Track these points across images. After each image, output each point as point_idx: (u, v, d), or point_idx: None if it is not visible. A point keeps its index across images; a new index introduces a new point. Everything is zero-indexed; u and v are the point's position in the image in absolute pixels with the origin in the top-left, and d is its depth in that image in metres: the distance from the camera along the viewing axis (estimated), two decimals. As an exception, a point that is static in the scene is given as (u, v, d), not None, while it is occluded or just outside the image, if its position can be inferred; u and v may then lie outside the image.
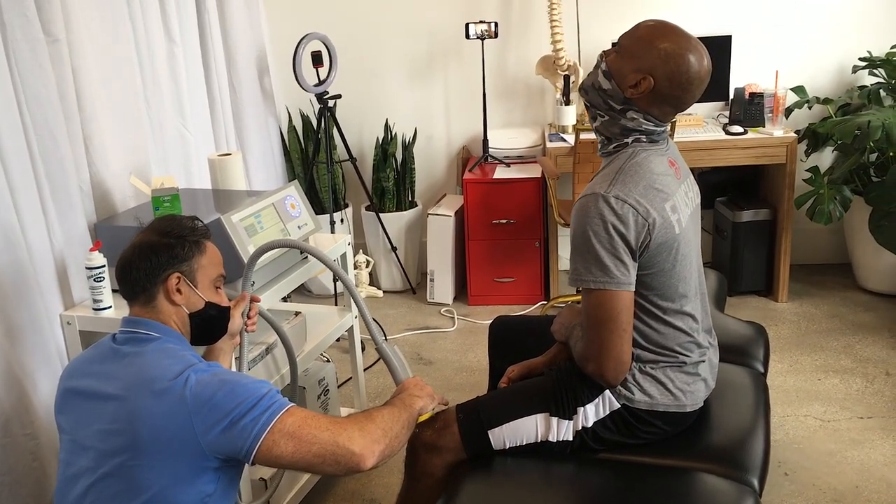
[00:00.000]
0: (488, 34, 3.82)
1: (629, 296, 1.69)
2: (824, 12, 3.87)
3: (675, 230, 1.71)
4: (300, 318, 2.34)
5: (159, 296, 1.61)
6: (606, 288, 1.66)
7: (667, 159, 1.79)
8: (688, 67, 1.70)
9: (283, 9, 4.11)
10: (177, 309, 1.63)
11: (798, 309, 3.70)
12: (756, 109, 3.67)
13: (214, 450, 1.45)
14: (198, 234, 1.68)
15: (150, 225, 1.69)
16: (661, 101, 1.73)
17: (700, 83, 1.73)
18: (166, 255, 1.61)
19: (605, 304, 1.68)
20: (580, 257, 1.69)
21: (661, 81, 1.70)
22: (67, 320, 2.21)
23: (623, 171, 1.71)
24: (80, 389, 1.56)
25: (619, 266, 1.66)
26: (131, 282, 1.62)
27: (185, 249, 1.63)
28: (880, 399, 2.90)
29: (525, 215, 3.84)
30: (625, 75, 1.72)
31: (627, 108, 1.74)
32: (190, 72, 3.11)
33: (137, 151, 2.64)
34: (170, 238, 1.63)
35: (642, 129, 1.76)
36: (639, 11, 3.89)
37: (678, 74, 1.69)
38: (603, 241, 1.65)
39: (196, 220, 1.72)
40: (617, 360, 1.71)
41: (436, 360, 3.44)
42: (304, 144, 4.12)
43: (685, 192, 1.82)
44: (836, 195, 3.49)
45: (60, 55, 2.29)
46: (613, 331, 1.69)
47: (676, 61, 1.69)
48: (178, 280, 1.62)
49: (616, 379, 1.74)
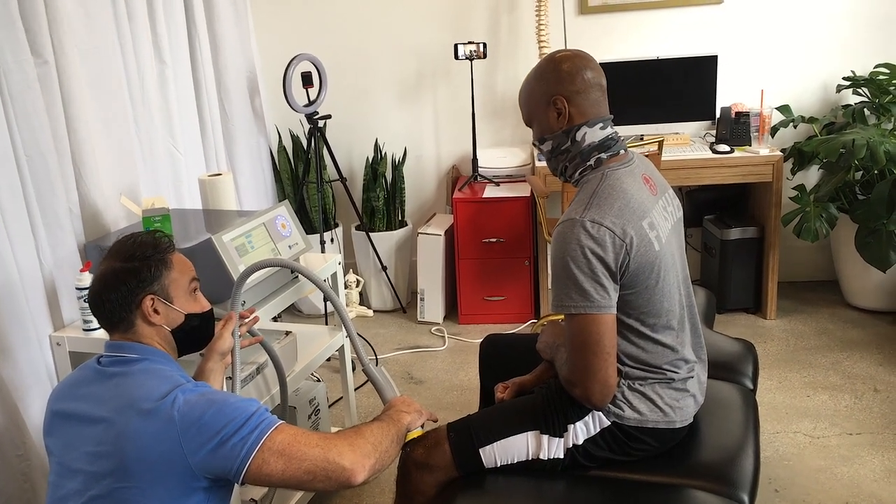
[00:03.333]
0: (477, 55, 3.86)
1: (611, 318, 1.70)
2: (808, 32, 3.92)
3: (654, 247, 1.72)
4: (291, 337, 2.34)
5: (137, 321, 1.60)
6: (587, 312, 1.67)
7: (639, 176, 1.81)
8: (561, 65, 1.78)
9: (273, 30, 4.14)
10: (157, 329, 1.62)
11: (786, 326, 3.72)
12: (742, 128, 3.71)
13: (204, 470, 1.45)
14: (161, 250, 1.65)
15: (110, 251, 1.65)
16: (583, 98, 1.78)
17: (582, 58, 1.80)
18: (135, 281, 1.59)
19: (586, 328, 1.68)
20: (560, 283, 1.70)
21: (563, 88, 1.77)
22: (57, 341, 2.21)
23: (597, 195, 1.73)
24: (67, 412, 1.55)
25: (599, 290, 1.67)
26: (107, 314, 1.60)
27: (152, 270, 1.61)
28: (869, 415, 2.92)
29: (515, 234, 3.85)
30: (545, 120, 1.83)
31: (572, 133, 1.80)
32: (180, 92, 3.12)
33: (128, 172, 2.65)
34: (134, 262, 1.60)
35: (598, 140, 1.79)
36: (625, 31, 3.96)
37: (562, 72, 1.78)
38: (581, 266, 1.66)
39: (157, 233, 1.69)
40: (603, 384, 1.71)
41: (426, 379, 3.44)
42: (294, 164, 4.13)
43: (663, 208, 1.84)
44: (823, 213, 3.52)
45: (50, 77, 2.30)
46: (598, 353, 1.69)
47: (552, 69, 1.79)
48: (152, 301, 1.60)
49: (602, 402, 1.74)
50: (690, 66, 3.81)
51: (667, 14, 3.94)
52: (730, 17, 3.93)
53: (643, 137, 3.54)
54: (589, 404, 1.75)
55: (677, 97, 3.86)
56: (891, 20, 3.86)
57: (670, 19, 3.94)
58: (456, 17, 4.08)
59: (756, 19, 3.93)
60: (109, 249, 1.65)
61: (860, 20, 3.87)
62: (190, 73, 3.25)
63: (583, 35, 3.97)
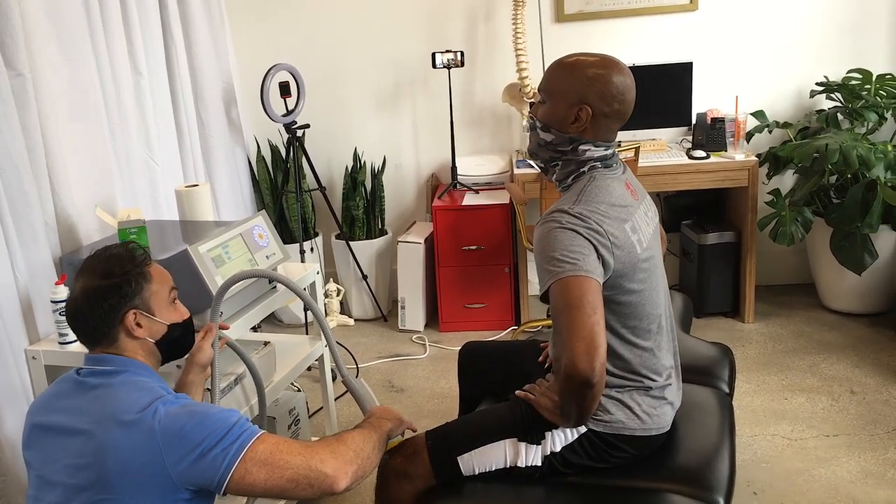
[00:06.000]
0: (455, 63, 3.87)
1: (594, 282, 1.61)
2: (782, 39, 3.97)
3: (636, 250, 1.74)
4: (269, 347, 2.33)
5: (120, 335, 1.60)
6: (567, 275, 1.61)
7: (623, 182, 1.83)
8: (614, 80, 1.74)
9: (251, 40, 4.13)
10: (141, 342, 1.62)
11: (764, 329, 3.75)
12: (718, 134, 3.75)
13: (185, 481, 1.44)
14: (138, 263, 1.63)
15: (86, 267, 1.62)
16: (606, 122, 1.77)
17: (630, 88, 1.78)
18: (116, 297, 1.58)
19: (566, 288, 1.60)
20: (543, 264, 1.66)
21: (597, 104, 1.74)
22: (33, 355, 2.19)
23: (585, 193, 1.74)
24: (47, 425, 1.54)
25: (580, 256, 1.62)
26: (89, 331, 1.59)
27: (132, 285, 1.60)
28: (846, 417, 2.95)
29: (494, 241, 3.86)
30: (561, 117, 1.77)
31: (576, 144, 1.78)
32: (156, 103, 3.11)
33: (103, 184, 2.64)
34: (113, 278, 1.58)
35: (596, 157, 1.79)
36: (601, 38, 3.99)
37: (609, 90, 1.74)
38: (562, 240, 1.64)
39: (130, 246, 1.67)
40: (588, 341, 1.54)
41: (407, 388, 3.44)
42: (273, 174, 4.12)
43: (644, 212, 1.86)
44: (798, 217, 3.56)
45: (24, 89, 2.29)
46: (581, 308, 1.57)
47: (602, 79, 1.74)
48: (135, 316, 1.60)
49: (590, 364, 1.53)
50: (666, 72, 3.84)
51: (642, 21, 3.97)
52: (704, 24, 3.97)
53: (620, 144, 3.57)
54: (576, 373, 1.54)
55: (653, 104, 3.89)
56: (862, 26, 3.91)
57: (646, 26, 3.98)
58: (433, 26, 4.10)
59: (730, 26, 3.97)
60: (84, 265, 1.63)
61: (832, 26, 3.92)
62: (167, 84, 3.24)
63: (559, 43, 3.99)
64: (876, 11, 3.89)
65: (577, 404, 1.62)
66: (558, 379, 1.62)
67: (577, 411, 1.64)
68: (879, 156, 3.36)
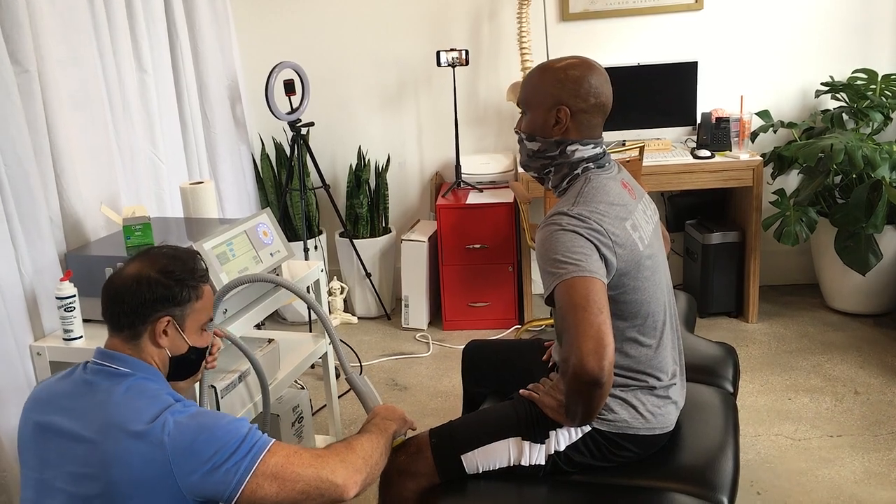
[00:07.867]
0: (459, 62, 3.87)
1: (599, 283, 1.62)
2: (787, 38, 3.96)
3: (638, 248, 1.74)
4: (273, 345, 2.33)
5: (144, 335, 1.56)
6: (572, 276, 1.61)
7: (619, 182, 1.83)
8: (585, 76, 1.76)
9: (256, 38, 4.14)
10: (159, 350, 1.59)
11: (768, 329, 3.75)
12: (722, 134, 3.74)
13: (195, 494, 1.43)
14: (197, 278, 1.61)
15: (148, 254, 1.61)
16: (586, 118, 1.78)
17: (604, 82, 1.79)
18: (161, 297, 1.55)
19: (571, 289, 1.60)
20: (546, 267, 1.67)
21: (573, 102, 1.76)
22: (38, 351, 2.19)
23: (582, 194, 1.74)
24: (49, 426, 1.50)
25: (583, 257, 1.62)
26: (118, 314, 1.56)
27: (182, 294, 1.58)
28: (849, 417, 2.94)
29: (498, 240, 3.86)
30: (542, 122, 1.79)
31: (563, 146, 1.79)
32: (161, 101, 3.12)
33: (108, 181, 2.64)
34: (170, 279, 1.56)
35: (587, 156, 1.80)
36: (605, 37, 3.98)
37: (582, 86, 1.75)
38: (564, 242, 1.64)
39: (197, 257, 1.65)
40: (596, 341, 1.54)
41: (411, 386, 3.44)
42: (277, 172, 4.13)
43: (643, 211, 1.86)
44: (802, 217, 3.56)
45: (30, 86, 2.29)
46: (587, 308, 1.57)
47: (573, 78, 1.76)
48: (167, 323, 1.57)
49: (599, 362, 1.52)
50: (671, 72, 3.84)
51: (647, 20, 3.97)
52: (710, 23, 3.97)
53: (625, 143, 3.57)
54: (584, 373, 1.53)
55: (658, 103, 3.89)
56: (867, 26, 3.90)
57: (651, 25, 3.97)
58: (438, 25, 4.10)
59: (736, 25, 3.96)
60: (146, 253, 1.61)
61: (838, 26, 3.92)
62: (171, 82, 3.24)
63: (564, 41, 3.99)
64: (881, 11, 3.88)
65: (584, 404, 1.63)
66: (565, 379, 1.61)
67: (583, 411, 1.65)
68: (884, 156, 3.36)
